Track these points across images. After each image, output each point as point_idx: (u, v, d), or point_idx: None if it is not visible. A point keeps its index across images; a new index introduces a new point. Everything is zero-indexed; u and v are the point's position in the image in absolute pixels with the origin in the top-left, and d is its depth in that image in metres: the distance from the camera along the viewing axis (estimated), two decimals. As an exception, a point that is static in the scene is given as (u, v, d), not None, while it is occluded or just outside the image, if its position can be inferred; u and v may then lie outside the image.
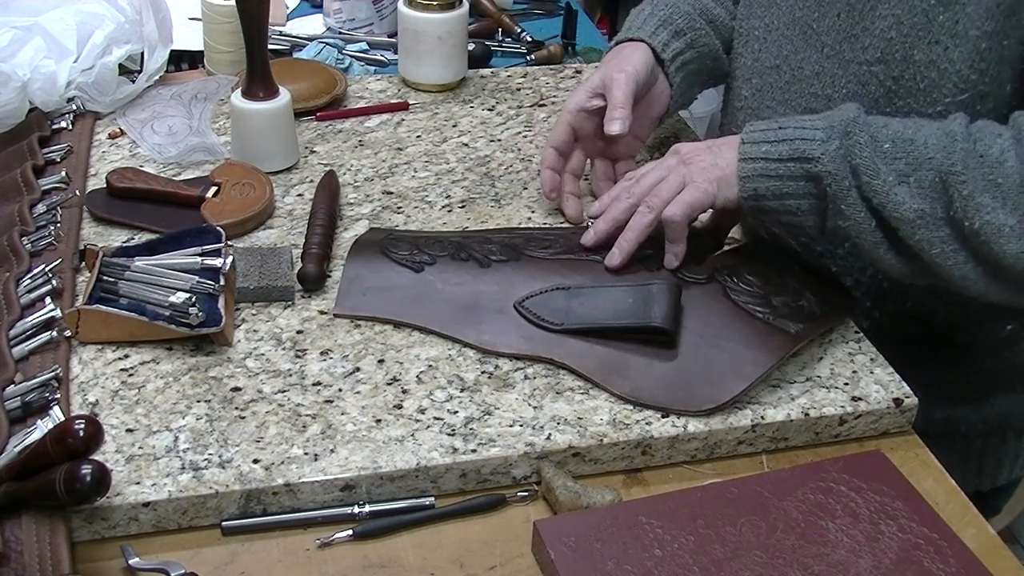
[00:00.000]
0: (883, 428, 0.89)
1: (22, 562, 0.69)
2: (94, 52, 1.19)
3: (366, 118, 1.26)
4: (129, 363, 0.87)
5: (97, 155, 1.16)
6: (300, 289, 0.96)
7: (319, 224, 1.01)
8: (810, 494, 0.79)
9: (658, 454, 0.84)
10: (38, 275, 0.92)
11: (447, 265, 0.96)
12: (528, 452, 0.81)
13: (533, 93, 1.33)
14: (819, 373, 0.90)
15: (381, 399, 0.85)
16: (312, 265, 0.96)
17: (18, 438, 0.77)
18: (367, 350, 0.90)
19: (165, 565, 0.73)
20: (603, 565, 0.72)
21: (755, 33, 1.08)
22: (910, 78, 0.93)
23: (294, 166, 1.15)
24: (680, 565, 0.73)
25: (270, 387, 0.86)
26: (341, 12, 1.48)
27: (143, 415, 0.82)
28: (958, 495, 0.84)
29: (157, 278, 0.90)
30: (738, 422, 0.85)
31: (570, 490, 0.79)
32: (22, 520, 0.71)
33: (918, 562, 0.74)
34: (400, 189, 1.12)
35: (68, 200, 1.04)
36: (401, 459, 0.80)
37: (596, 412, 0.85)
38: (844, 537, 0.76)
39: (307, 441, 0.81)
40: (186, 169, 1.13)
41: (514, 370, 0.89)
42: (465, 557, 0.76)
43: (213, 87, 1.29)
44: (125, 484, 0.76)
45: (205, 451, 0.79)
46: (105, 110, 1.22)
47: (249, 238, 1.04)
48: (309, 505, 0.79)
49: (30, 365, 0.84)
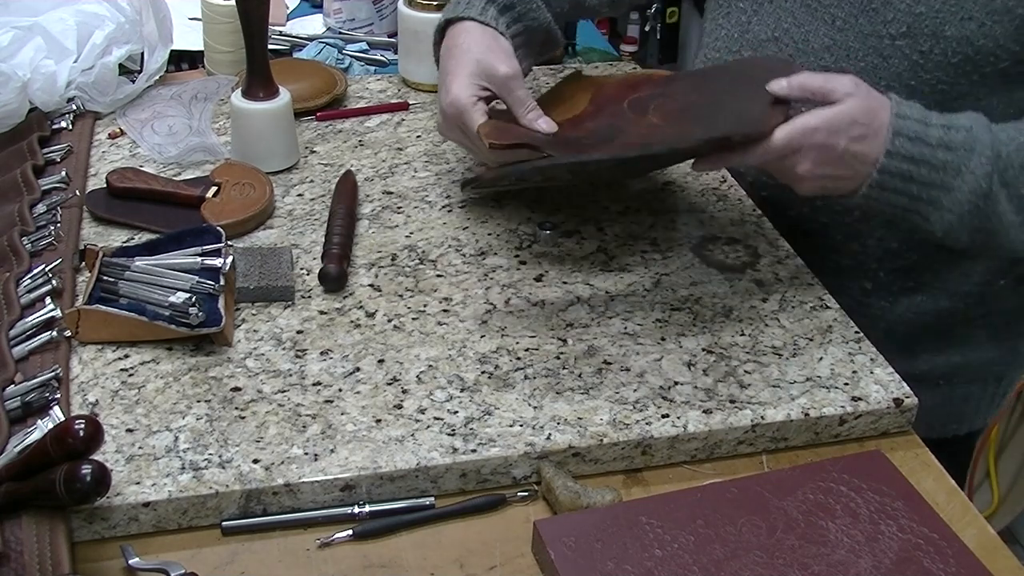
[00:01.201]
0: (883, 428, 0.89)
1: (22, 562, 0.69)
2: (94, 52, 1.20)
3: (366, 118, 1.26)
4: (129, 363, 0.87)
5: (97, 155, 1.16)
6: (300, 289, 0.97)
7: (339, 224, 1.01)
8: (810, 494, 0.79)
9: (658, 454, 0.84)
10: (38, 275, 0.92)
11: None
12: (528, 452, 0.81)
13: (532, 92, 1.33)
14: (819, 373, 0.90)
15: (381, 399, 0.85)
16: (333, 265, 0.96)
17: (18, 438, 0.77)
18: (367, 350, 0.90)
19: (165, 565, 0.73)
20: (603, 565, 0.72)
21: (738, 4, 1.07)
22: (940, 53, 0.93)
23: (294, 166, 1.15)
24: (680, 565, 0.73)
25: (270, 387, 0.86)
26: (341, 12, 1.48)
27: (143, 415, 0.82)
28: (958, 495, 0.84)
29: (157, 278, 0.90)
30: (738, 422, 0.85)
31: (570, 490, 0.79)
32: (22, 520, 0.71)
33: (918, 562, 0.74)
34: (400, 189, 1.12)
35: (68, 200, 1.04)
36: (401, 459, 0.80)
37: (596, 412, 0.85)
38: (844, 537, 0.76)
39: (307, 441, 0.81)
40: (186, 169, 1.14)
41: (514, 370, 0.89)
42: (465, 557, 0.76)
43: (213, 87, 1.29)
44: (125, 484, 0.76)
45: (205, 451, 0.79)
46: (105, 110, 1.22)
47: (249, 238, 1.04)
48: (309, 505, 0.79)
49: (30, 365, 0.84)
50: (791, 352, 0.92)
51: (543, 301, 0.97)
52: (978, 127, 0.90)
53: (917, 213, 0.91)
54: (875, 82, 0.91)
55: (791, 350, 0.93)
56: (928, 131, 0.88)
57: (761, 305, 0.98)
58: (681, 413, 0.85)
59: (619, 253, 1.04)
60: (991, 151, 0.89)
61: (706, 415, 0.85)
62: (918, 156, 0.88)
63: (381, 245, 1.04)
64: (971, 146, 0.89)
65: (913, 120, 0.88)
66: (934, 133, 0.88)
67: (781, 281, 1.01)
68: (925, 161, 0.88)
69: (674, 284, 1.00)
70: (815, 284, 1.01)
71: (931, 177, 0.89)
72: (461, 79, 0.97)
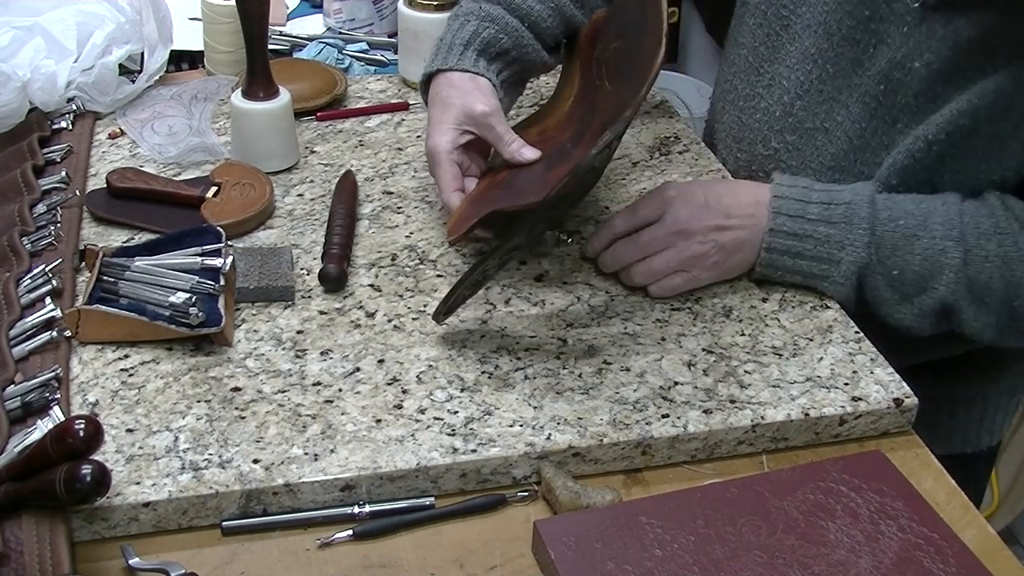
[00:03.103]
0: (883, 428, 0.89)
1: (22, 562, 0.69)
2: (94, 52, 1.19)
3: (366, 118, 1.26)
4: (129, 363, 0.87)
5: (97, 155, 1.16)
6: (300, 289, 0.97)
7: (339, 224, 1.01)
8: (810, 494, 0.79)
9: (658, 454, 0.84)
10: (38, 275, 0.92)
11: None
12: (528, 452, 0.81)
13: (533, 93, 1.33)
14: (819, 373, 0.90)
15: (381, 399, 0.85)
16: (333, 265, 0.96)
17: (18, 438, 0.77)
18: (367, 350, 0.90)
19: (165, 565, 0.73)
20: (603, 565, 0.72)
21: (781, 83, 1.05)
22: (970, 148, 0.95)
23: (294, 166, 1.15)
24: (680, 565, 0.73)
25: (270, 387, 0.86)
26: (341, 12, 1.48)
27: (143, 415, 0.82)
28: (958, 495, 0.84)
29: (157, 278, 0.90)
30: (738, 422, 0.85)
31: (570, 490, 0.79)
32: (22, 520, 0.71)
33: (918, 562, 0.74)
34: (400, 189, 1.12)
35: (68, 200, 1.04)
36: (401, 459, 0.80)
37: (596, 412, 0.85)
38: (844, 537, 0.76)
39: (307, 441, 0.81)
40: (186, 169, 1.13)
41: (514, 370, 0.89)
42: (465, 557, 0.76)
43: (213, 87, 1.29)
44: (125, 484, 0.76)
45: (205, 451, 0.79)
46: (105, 110, 1.22)
47: (249, 238, 1.04)
48: (309, 505, 0.79)
49: (30, 365, 0.84)
50: (791, 352, 0.92)
51: (543, 301, 0.97)
52: (857, 201, 0.95)
53: (814, 289, 0.98)
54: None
55: (791, 350, 0.93)
56: (808, 208, 0.95)
57: (761, 305, 0.98)
58: (681, 413, 0.85)
59: (619, 253, 1.04)
60: (868, 224, 0.94)
61: (706, 415, 0.85)
62: (800, 232, 0.95)
63: (381, 245, 1.04)
64: (850, 219, 0.94)
65: (792, 199, 0.96)
66: (814, 209, 0.95)
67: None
68: (809, 236, 0.95)
69: (674, 284, 1.00)
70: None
71: (817, 252, 0.96)
72: (441, 127, 1.00)
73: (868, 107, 0.98)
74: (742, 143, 1.11)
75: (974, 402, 1.15)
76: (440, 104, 1.01)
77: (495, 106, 1.00)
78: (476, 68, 1.01)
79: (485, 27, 1.03)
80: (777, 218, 0.96)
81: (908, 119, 0.96)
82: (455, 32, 1.04)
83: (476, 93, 1.00)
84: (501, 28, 1.04)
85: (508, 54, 1.05)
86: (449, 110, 1.00)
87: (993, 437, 1.19)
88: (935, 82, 0.93)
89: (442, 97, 1.01)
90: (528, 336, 0.93)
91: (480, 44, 1.03)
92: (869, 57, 0.97)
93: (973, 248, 0.92)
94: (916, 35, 0.93)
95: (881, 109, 0.98)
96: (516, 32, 1.04)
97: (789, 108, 1.04)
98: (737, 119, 1.11)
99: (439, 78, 1.02)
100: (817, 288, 0.98)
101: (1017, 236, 0.92)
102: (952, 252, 0.92)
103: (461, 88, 1.00)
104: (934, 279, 0.93)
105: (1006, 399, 1.16)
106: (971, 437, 1.17)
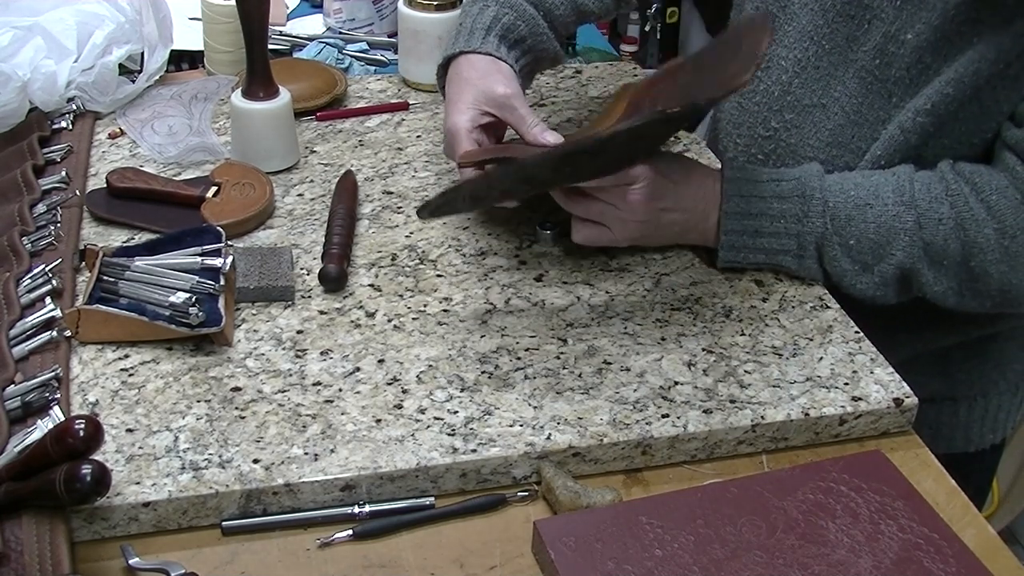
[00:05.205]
0: (883, 428, 0.89)
1: (22, 562, 0.69)
2: (94, 52, 1.19)
3: (366, 118, 1.26)
4: (129, 363, 0.87)
5: (97, 155, 1.16)
6: (300, 289, 0.97)
7: (339, 224, 1.01)
8: (810, 494, 0.79)
9: (658, 454, 0.84)
10: (38, 275, 0.92)
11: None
12: (528, 452, 0.81)
13: (533, 93, 1.33)
14: (819, 373, 0.90)
15: (381, 399, 0.85)
16: (333, 265, 0.96)
17: (18, 438, 0.77)
18: (367, 350, 0.90)
19: (165, 565, 0.73)
20: (603, 565, 0.72)
21: (779, 63, 1.06)
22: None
23: (294, 166, 1.15)
24: (680, 565, 0.73)
25: (270, 387, 0.86)
26: (341, 12, 1.48)
27: (143, 415, 0.82)
28: (958, 495, 0.84)
29: (157, 278, 0.90)
30: (738, 422, 0.85)
31: (570, 490, 0.79)
32: (22, 520, 0.71)
33: (918, 562, 0.74)
34: (400, 189, 1.12)
35: (68, 200, 1.04)
36: (401, 459, 0.80)
37: (596, 412, 0.85)
38: (844, 537, 0.76)
39: (307, 441, 0.81)
40: (186, 169, 1.13)
41: (514, 370, 0.89)
42: (465, 557, 0.76)
43: (213, 87, 1.29)
44: (125, 484, 0.76)
45: (205, 451, 0.79)
46: (105, 110, 1.22)
47: (249, 238, 1.04)
48: (309, 505, 0.79)
49: (30, 365, 0.84)
50: (791, 352, 0.92)
51: (543, 301, 0.97)
52: (806, 176, 0.97)
53: (780, 267, 1.00)
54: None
55: (791, 350, 0.93)
56: (759, 187, 0.97)
57: (761, 305, 0.98)
58: (681, 413, 0.85)
59: (619, 253, 1.04)
60: (820, 195, 0.96)
61: (706, 415, 0.85)
62: (755, 211, 0.96)
63: (381, 245, 1.04)
64: (802, 192, 0.96)
65: (743, 180, 0.97)
66: (765, 187, 0.97)
67: (781, 281, 1.01)
68: (763, 214, 0.97)
69: (674, 284, 1.00)
70: (815, 284, 1.01)
71: (774, 227, 0.97)
72: (461, 106, 0.99)
73: (864, 82, 0.99)
74: (741, 128, 1.11)
75: (975, 401, 1.15)
76: (460, 84, 1.00)
77: (516, 89, 1.00)
78: (498, 53, 1.02)
79: (504, 13, 1.04)
80: (730, 200, 0.97)
81: (902, 92, 0.97)
82: (475, 16, 1.04)
83: (497, 75, 1.00)
84: (519, 15, 1.05)
85: (524, 42, 1.06)
86: (469, 91, 0.99)
87: (996, 435, 1.19)
88: (925, 52, 0.95)
89: (463, 78, 1.01)
90: (528, 336, 0.93)
91: (501, 29, 1.03)
92: (864, 32, 0.98)
93: (926, 212, 0.94)
94: (908, 7, 0.95)
95: (876, 83, 0.99)
96: (532, 20, 1.06)
97: (787, 87, 1.05)
98: (737, 104, 1.12)
99: (459, 60, 1.02)
100: (782, 267, 0.99)
101: (968, 197, 0.93)
102: (905, 216, 0.94)
103: (482, 70, 1.00)
104: (890, 245, 0.94)
105: (1008, 397, 1.16)
106: (973, 436, 1.17)
